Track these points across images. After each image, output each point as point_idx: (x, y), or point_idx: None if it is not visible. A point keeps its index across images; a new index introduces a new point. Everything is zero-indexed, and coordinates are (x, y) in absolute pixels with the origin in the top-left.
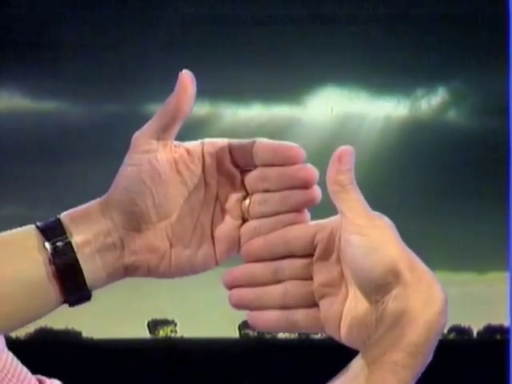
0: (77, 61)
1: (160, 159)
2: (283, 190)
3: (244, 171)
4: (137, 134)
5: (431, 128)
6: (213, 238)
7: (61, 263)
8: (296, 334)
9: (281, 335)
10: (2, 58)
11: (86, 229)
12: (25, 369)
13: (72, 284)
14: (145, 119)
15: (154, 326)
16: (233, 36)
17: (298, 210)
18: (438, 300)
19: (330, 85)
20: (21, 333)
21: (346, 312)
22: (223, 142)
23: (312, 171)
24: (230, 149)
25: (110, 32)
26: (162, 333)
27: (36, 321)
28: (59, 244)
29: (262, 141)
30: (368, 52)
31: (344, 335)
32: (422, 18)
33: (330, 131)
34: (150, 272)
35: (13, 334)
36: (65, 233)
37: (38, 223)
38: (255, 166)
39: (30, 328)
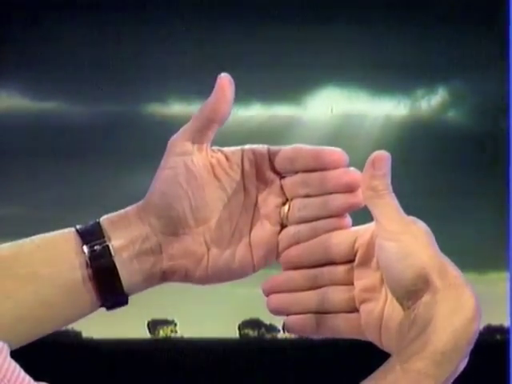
0: (77, 61)
1: (196, 162)
2: (324, 194)
3: (283, 177)
4: (173, 137)
5: (431, 128)
6: (251, 243)
7: (98, 267)
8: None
9: (281, 335)
10: (2, 58)
11: (124, 233)
12: (27, 377)
13: (108, 288)
14: (145, 119)
15: (154, 326)
16: (232, 36)
17: (339, 214)
18: (468, 308)
19: (330, 85)
20: None
21: (386, 318)
22: (263, 148)
23: (356, 175)
24: (270, 155)
25: (110, 32)
26: (162, 333)
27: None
28: (97, 247)
29: (302, 147)
30: (368, 52)
31: (384, 341)
32: (421, 17)
33: (330, 131)
34: (187, 277)
35: None
36: (103, 236)
37: (78, 226)
38: (295, 172)
39: None
